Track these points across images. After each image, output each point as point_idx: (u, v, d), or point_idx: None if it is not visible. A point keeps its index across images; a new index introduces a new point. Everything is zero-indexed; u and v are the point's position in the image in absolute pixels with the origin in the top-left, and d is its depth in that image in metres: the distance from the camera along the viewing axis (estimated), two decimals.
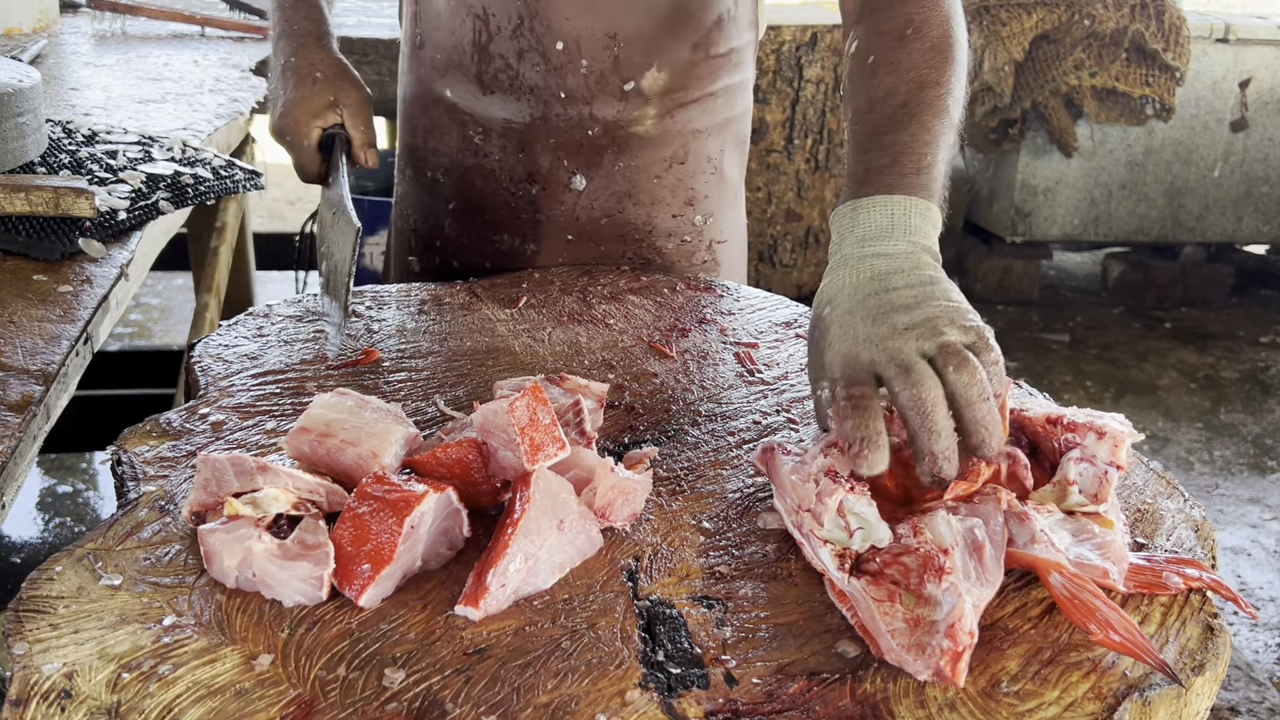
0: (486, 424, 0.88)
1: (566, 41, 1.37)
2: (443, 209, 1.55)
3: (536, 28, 1.38)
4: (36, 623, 0.75)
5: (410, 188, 1.61)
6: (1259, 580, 3.14)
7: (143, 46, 2.54)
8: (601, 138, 1.44)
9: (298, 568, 0.79)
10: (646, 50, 1.39)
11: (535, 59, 1.39)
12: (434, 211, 1.57)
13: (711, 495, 0.97)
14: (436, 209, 1.56)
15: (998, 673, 0.77)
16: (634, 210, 1.50)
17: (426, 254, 1.60)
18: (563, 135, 1.44)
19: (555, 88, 1.40)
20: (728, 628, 0.80)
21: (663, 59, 1.40)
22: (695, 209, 1.54)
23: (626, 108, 1.43)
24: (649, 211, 1.51)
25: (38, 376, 1.01)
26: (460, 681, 0.73)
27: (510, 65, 1.41)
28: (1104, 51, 4.40)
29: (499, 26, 1.39)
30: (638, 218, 1.51)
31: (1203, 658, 0.80)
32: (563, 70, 1.39)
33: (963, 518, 0.84)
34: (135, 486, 0.92)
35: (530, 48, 1.39)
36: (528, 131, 1.45)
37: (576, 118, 1.43)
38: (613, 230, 1.51)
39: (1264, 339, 4.79)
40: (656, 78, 1.41)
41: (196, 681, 0.71)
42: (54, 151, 1.53)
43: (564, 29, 1.37)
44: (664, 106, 1.44)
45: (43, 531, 3.02)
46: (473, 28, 1.41)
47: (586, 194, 1.48)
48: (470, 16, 1.41)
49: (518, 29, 1.38)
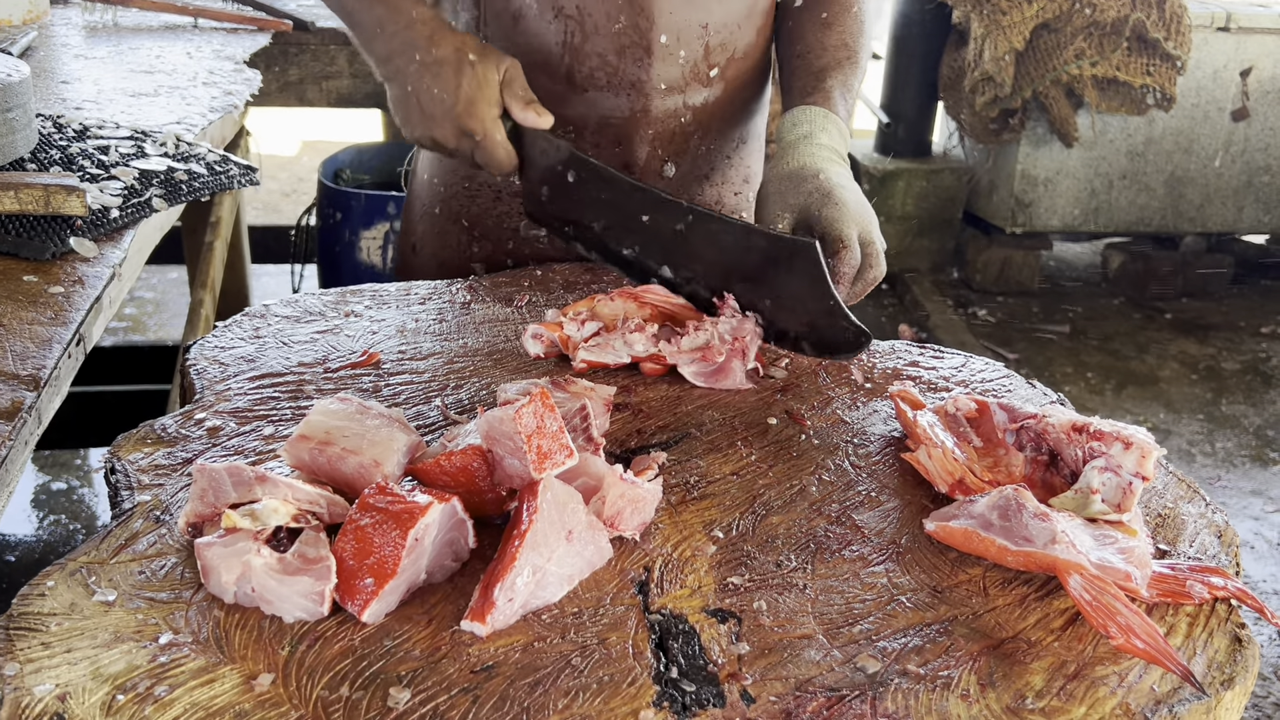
0: (491, 431, 0.85)
1: (669, 34, 1.40)
2: (516, 209, 1.53)
3: (640, 23, 1.39)
4: (28, 641, 0.73)
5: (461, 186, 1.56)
6: (1262, 573, 3.13)
7: (134, 38, 2.50)
8: (690, 124, 1.50)
9: (298, 582, 0.76)
10: (729, 37, 1.46)
11: (638, 54, 1.41)
12: (506, 214, 1.55)
13: (722, 503, 0.94)
14: (508, 210, 1.54)
15: (1022, 688, 0.74)
16: (708, 190, 1.58)
17: (495, 256, 1.56)
18: (660, 125, 1.47)
19: (656, 80, 1.44)
20: (743, 642, 0.77)
21: (739, 44, 1.47)
22: (750, 185, 1.62)
23: (710, 92, 1.49)
24: (719, 191, 1.59)
25: (28, 382, 0.98)
26: (468, 701, 0.71)
27: (609, 62, 1.42)
28: (1105, 41, 4.37)
29: (596, 25, 1.39)
30: (710, 197, 1.58)
31: (1232, 671, 0.78)
32: (665, 62, 1.43)
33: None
34: (129, 496, 0.89)
35: (633, 43, 1.40)
36: (626, 126, 1.46)
37: (673, 108, 1.47)
38: None
39: (1265, 329, 4.77)
40: (735, 62, 1.48)
41: (194, 703, 0.69)
42: (44, 147, 1.50)
43: (667, 22, 1.40)
44: (737, 88, 1.52)
45: (37, 529, 2.99)
46: (564, 29, 1.40)
47: (674, 180, 1.53)
48: (561, 18, 1.39)
49: (618, 26, 1.39)
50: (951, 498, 0.94)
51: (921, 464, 0.97)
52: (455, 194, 1.57)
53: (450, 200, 1.58)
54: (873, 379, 1.19)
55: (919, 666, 0.76)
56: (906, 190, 4.91)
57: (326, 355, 1.16)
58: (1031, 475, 0.98)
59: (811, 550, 0.88)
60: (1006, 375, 1.21)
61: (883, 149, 5.03)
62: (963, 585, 0.85)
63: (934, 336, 4.40)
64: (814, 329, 1.18)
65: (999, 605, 0.83)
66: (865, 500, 0.95)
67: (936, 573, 0.86)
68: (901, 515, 0.93)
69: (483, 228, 1.56)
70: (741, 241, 1.20)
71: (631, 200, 1.26)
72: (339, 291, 1.33)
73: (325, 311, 1.27)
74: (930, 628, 0.80)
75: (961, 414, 1.03)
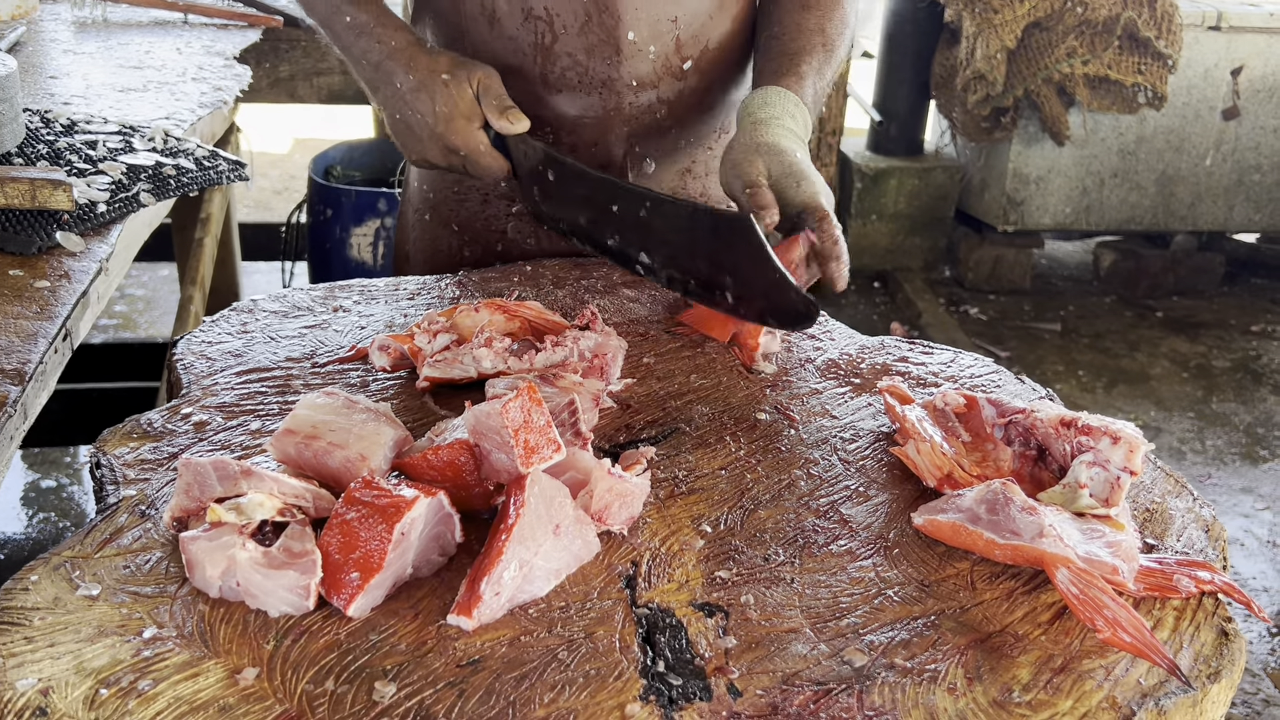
0: (479, 425, 0.85)
1: (637, 31, 1.40)
2: (504, 212, 1.54)
3: (606, 21, 1.38)
4: (10, 635, 0.72)
5: (450, 191, 1.57)
6: (1252, 570, 3.14)
7: (124, 34, 2.49)
8: (667, 119, 1.49)
9: (283, 576, 0.76)
10: (701, 29, 1.44)
11: (607, 52, 1.41)
12: (494, 216, 1.55)
13: (711, 497, 0.94)
14: (496, 213, 1.55)
15: (1009, 682, 0.74)
16: (693, 183, 1.58)
17: (485, 259, 1.56)
18: (635, 123, 1.47)
19: (628, 77, 1.43)
20: (730, 636, 0.77)
21: (712, 35, 1.46)
22: None
23: (684, 85, 1.47)
24: (704, 183, 1.59)
25: (13, 376, 0.98)
26: (454, 695, 0.70)
27: (579, 62, 1.41)
28: (1096, 39, 4.38)
29: (565, 26, 1.39)
30: (695, 189, 1.58)
31: (1218, 664, 0.78)
32: (634, 59, 1.42)
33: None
34: (115, 490, 0.89)
35: (601, 42, 1.40)
36: (601, 124, 1.46)
37: (646, 103, 1.46)
38: None
39: (1255, 328, 4.78)
40: (709, 53, 1.47)
41: (178, 697, 0.69)
42: (31, 142, 1.49)
43: (634, 19, 1.39)
44: (713, 79, 1.50)
45: (26, 527, 2.98)
46: (534, 30, 1.40)
47: (655, 175, 1.53)
48: (530, 20, 1.39)
49: (585, 25, 1.38)
50: (939, 492, 0.94)
51: (910, 458, 0.97)
52: (445, 199, 1.58)
53: (440, 206, 1.58)
54: (861, 374, 1.19)
55: (906, 660, 0.75)
56: (898, 188, 4.92)
57: (314, 350, 1.15)
58: (1020, 470, 0.98)
59: (799, 544, 0.88)
60: (995, 371, 1.21)
61: (875, 147, 5.04)
62: (950, 579, 0.85)
63: (926, 334, 4.40)
64: (769, 301, 1.17)
65: (986, 599, 0.83)
66: (853, 495, 0.95)
67: (924, 567, 0.86)
68: (889, 509, 0.93)
69: (472, 231, 1.56)
70: (690, 221, 1.21)
71: (602, 192, 1.28)
72: (327, 287, 1.33)
73: (313, 307, 1.26)
74: (917, 621, 0.80)
75: (950, 409, 1.03)
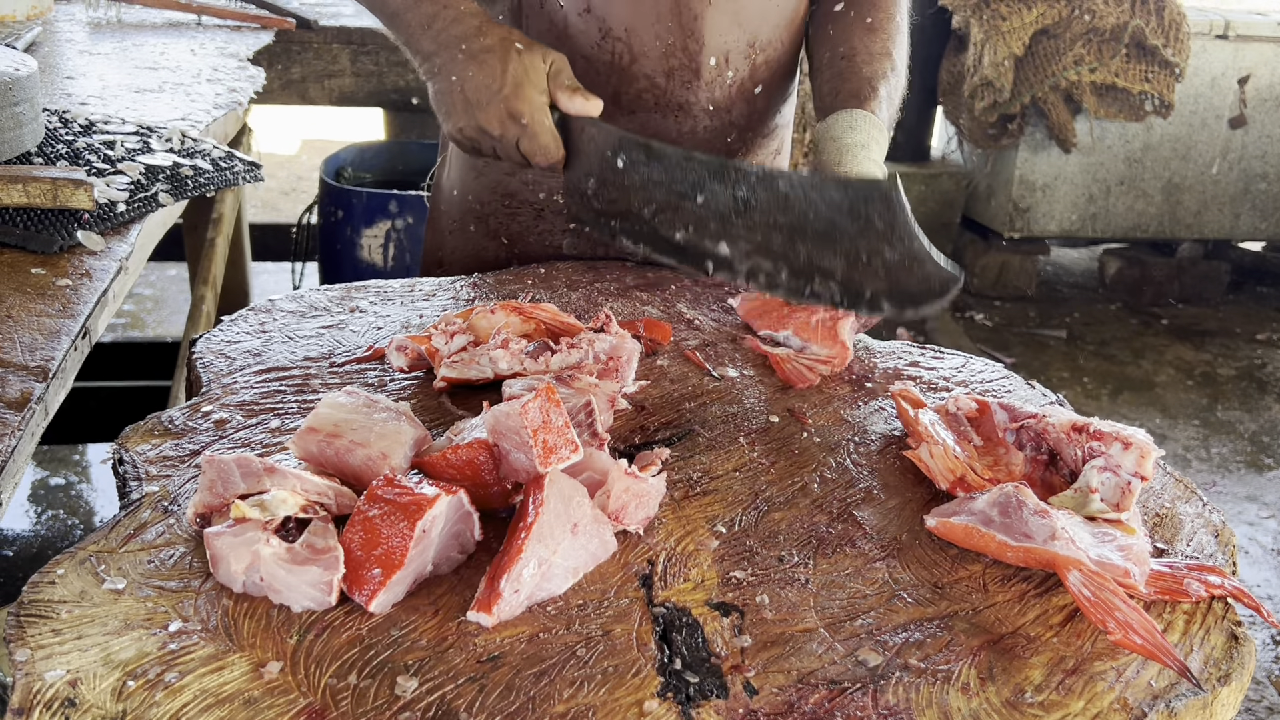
0: (498, 425, 0.86)
1: (718, 56, 1.40)
2: (559, 227, 1.54)
3: (690, 46, 1.39)
4: (38, 628, 0.73)
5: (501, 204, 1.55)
6: (1256, 578, 3.14)
7: (138, 35, 2.51)
8: (735, 141, 1.50)
9: (306, 572, 0.77)
10: (774, 52, 1.46)
11: (686, 76, 1.42)
12: (548, 231, 1.54)
13: (725, 498, 0.95)
14: (550, 228, 1.54)
15: (1021, 683, 0.75)
16: None
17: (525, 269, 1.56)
18: (707, 146, 1.47)
19: (705, 101, 1.44)
20: (746, 635, 0.78)
21: (780, 61, 1.48)
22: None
23: (754, 109, 1.49)
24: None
25: (37, 373, 0.99)
26: (474, 690, 0.71)
27: (657, 85, 1.42)
28: (1104, 47, 4.39)
29: (644, 48, 1.39)
30: None
31: (1228, 667, 0.79)
32: (713, 84, 1.43)
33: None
34: (138, 486, 0.90)
35: (682, 65, 1.41)
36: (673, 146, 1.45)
37: (719, 126, 1.47)
38: None
39: (1261, 336, 4.79)
40: (776, 76, 1.49)
41: (204, 689, 0.70)
42: (51, 142, 1.50)
43: (716, 44, 1.40)
44: (777, 99, 1.53)
45: (35, 524, 2.99)
46: (611, 50, 1.40)
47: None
48: (609, 39, 1.39)
49: (668, 49, 1.39)
50: (952, 495, 0.95)
51: (923, 461, 0.98)
52: (493, 211, 1.55)
53: (487, 217, 1.56)
54: (874, 379, 1.20)
55: (920, 660, 0.76)
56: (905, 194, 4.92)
57: (332, 350, 1.17)
58: (1031, 474, 0.99)
59: (813, 546, 0.89)
60: (1006, 376, 1.22)
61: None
62: (963, 581, 0.86)
63: (931, 340, 4.41)
64: (895, 279, 1.09)
65: (999, 601, 0.84)
66: (866, 497, 0.96)
67: (937, 569, 0.87)
68: (902, 512, 0.94)
69: (523, 245, 1.55)
70: (812, 195, 1.10)
71: (687, 174, 1.18)
72: (344, 287, 1.34)
73: (330, 307, 1.27)
74: (931, 623, 0.81)
75: (962, 413, 1.04)
